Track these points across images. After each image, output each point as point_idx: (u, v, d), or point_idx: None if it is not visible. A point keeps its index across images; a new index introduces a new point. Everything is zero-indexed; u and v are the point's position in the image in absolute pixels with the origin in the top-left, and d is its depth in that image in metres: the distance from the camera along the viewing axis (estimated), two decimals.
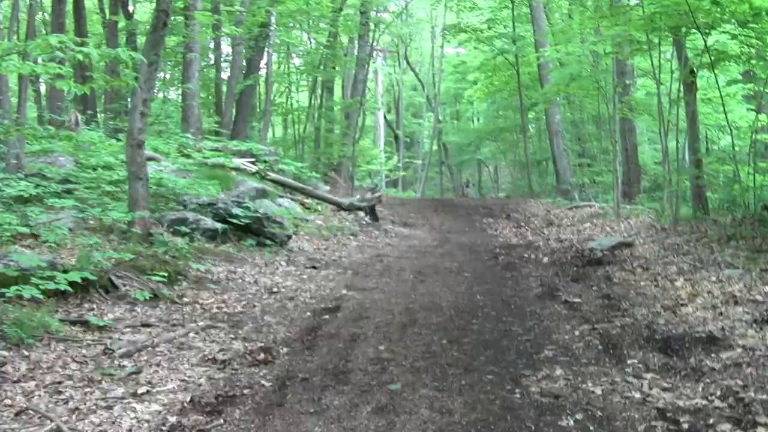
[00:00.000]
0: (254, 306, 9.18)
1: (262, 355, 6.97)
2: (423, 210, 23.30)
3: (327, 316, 8.63)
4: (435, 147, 45.39)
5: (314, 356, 6.95)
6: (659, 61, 14.69)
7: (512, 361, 6.61)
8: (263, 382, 6.20)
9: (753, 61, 13.74)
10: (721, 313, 7.88)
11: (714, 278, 10.01)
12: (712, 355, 6.53)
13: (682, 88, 14.46)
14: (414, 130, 51.73)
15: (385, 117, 47.93)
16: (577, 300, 9.05)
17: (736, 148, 15.61)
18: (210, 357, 6.92)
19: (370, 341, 7.45)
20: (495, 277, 11.23)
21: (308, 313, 8.82)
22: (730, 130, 13.36)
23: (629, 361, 6.47)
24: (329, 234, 16.20)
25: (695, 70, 14.40)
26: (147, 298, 8.66)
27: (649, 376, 6.06)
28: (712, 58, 12.79)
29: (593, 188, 24.49)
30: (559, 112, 26.20)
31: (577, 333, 7.46)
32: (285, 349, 7.21)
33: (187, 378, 6.32)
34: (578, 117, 28.89)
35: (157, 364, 6.65)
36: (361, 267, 12.39)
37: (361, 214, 19.09)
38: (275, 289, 10.24)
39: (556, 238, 15.84)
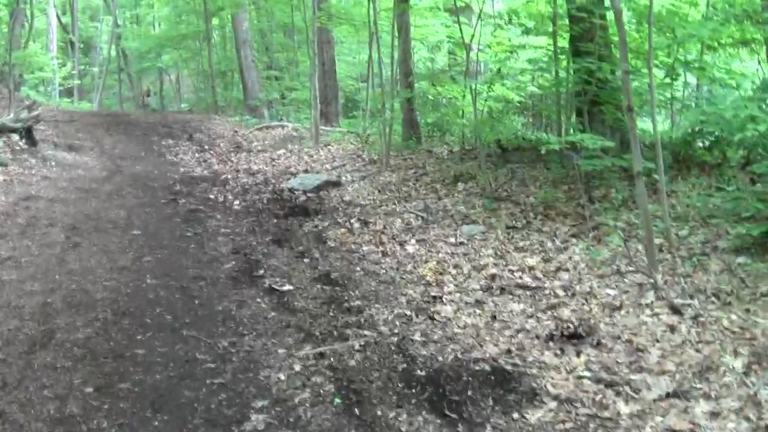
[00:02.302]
0: None
1: None
2: (94, 128, 18.86)
3: None
4: (114, 53, 40.20)
5: None
6: None
7: None
8: None
9: None
10: (494, 317, 5.33)
11: (453, 240, 7.56)
12: (515, 416, 3.92)
13: None
14: (91, 35, 45.75)
15: (59, 19, 41.54)
16: (287, 287, 6.04)
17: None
18: None
19: None
20: (173, 236, 7.92)
21: None
22: (466, 46, 10.92)
23: None
24: None
25: None
26: None
27: None
28: None
29: (285, 107, 21.56)
30: (247, 19, 22.77)
31: (297, 367, 4.46)
32: None
33: None
34: (266, 25, 25.64)
35: None
36: None
37: (16, 137, 14.50)
38: None
39: (247, 169, 12.73)
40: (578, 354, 4.62)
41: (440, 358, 4.57)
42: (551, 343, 4.76)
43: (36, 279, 6.14)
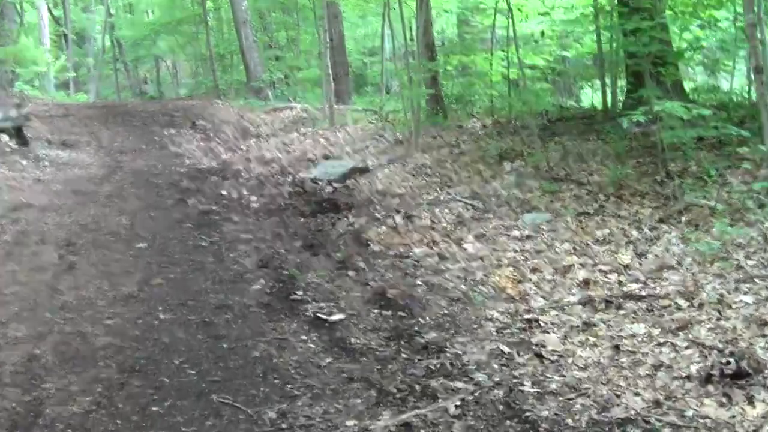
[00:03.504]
0: None
1: None
2: (91, 121, 17.33)
3: None
4: (108, 43, 38.79)
5: None
6: None
7: None
8: None
9: None
10: (616, 347, 4.02)
11: (517, 233, 6.26)
12: None
13: None
14: (84, 26, 44.32)
15: (50, 12, 40.04)
16: (337, 316, 4.76)
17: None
18: None
19: None
20: (186, 247, 6.59)
21: None
22: (510, 11, 9.51)
23: None
24: None
25: None
26: None
27: None
28: None
29: (290, 87, 20.07)
30: None
31: None
32: None
33: None
34: (264, 5, 24.11)
35: None
36: None
37: (5, 137, 13.09)
38: None
39: (259, 158, 11.34)
40: (750, 401, 3.33)
41: (570, 422, 3.28)
42: (710, 387, 3.46)
43: (22, 319, 4.77)
